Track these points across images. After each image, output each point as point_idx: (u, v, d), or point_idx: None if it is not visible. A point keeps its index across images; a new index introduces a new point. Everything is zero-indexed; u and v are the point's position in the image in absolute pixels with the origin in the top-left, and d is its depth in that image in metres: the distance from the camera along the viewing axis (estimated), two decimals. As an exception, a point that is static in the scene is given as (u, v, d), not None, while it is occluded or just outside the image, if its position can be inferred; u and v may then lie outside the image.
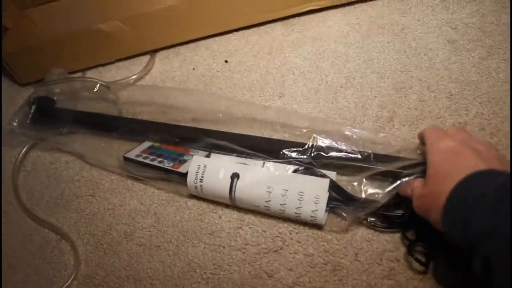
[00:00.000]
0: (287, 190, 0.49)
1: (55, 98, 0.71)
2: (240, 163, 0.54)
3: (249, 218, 0.55)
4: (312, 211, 0.48)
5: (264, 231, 0.53)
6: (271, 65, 0.70)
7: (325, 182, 0.49)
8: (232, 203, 0.53)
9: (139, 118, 0.65)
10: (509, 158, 0.52)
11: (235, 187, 0.51)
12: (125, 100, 0.69)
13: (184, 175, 0.54)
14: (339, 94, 0.64)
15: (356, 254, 0.50)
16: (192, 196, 0.58)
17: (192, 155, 0.57)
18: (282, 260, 0.51)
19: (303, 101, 0.65)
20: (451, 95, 0.61)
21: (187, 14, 0.73)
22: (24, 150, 0.68)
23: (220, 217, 0.55)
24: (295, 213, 0.49)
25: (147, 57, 0.78)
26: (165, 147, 0.60)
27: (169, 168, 0.55)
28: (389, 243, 0.50)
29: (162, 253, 0.55)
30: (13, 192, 0.65)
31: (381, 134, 0.55)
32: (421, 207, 0.44)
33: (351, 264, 0.49)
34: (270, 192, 0.50)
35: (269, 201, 0.50)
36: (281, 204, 0.49)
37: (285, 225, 0.53)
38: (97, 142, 0.66)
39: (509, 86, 0.60)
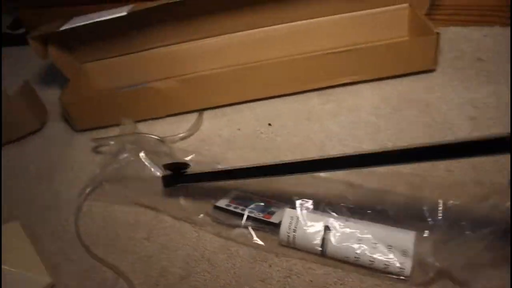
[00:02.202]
0: (376, 243, 0.55)
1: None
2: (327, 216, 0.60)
3: (297, 268, 0.60)
4: (401, 263, 0.53)
5: (311, 281, 0.59)
6: (311, 131, 0.78)
7: (412, 235, 0.54)
8: (321, 254, 0.58)
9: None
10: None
11: (327, 239, 0.57)
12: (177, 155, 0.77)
13: (276, 225, 0.60)
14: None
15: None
16: (243, 245, 0.64)
17: (278, 207, 0.63)
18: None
19: (341, 165, 0.72)
20: (475, 166, 0.68)
21: (234, 79, 0.82)
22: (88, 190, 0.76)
23: (270, 266, 0.61)
24: (384, 264, 0.54)
25: (194, 115, 0.86)
26: (249, 199, 0.66)
27: (261, 218, 0.62)
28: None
29: (216, 296, 0.60)
30: (75, 228, 0.71)
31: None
32: None
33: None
34: (360, 244, 0.55)
35: (359, 252, 0.55)
36: (371, 255, 0.55)
37: (331, 276, 0.59)
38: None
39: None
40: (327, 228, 0.58)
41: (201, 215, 0.68)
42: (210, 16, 0.89)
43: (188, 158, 0.75)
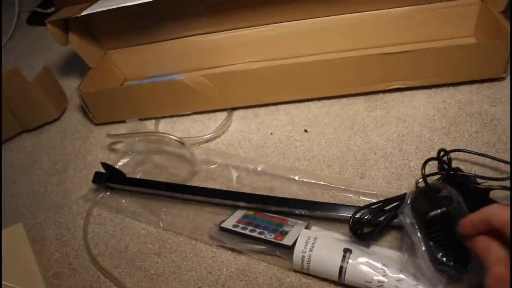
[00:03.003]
0: (401, 270, 0.47)
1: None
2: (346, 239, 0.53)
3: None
4: None
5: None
6: (352, 141, 0.69)
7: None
8: (340, 278, 0.50)
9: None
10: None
11: (348, 261, 0.49)
12: (199, 158, 0.69)
13: (289, 247, 0.52)
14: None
15: None
16: (262, 273, 0.55)
17: (292, 226, 0.56)
18: None
19: (384, 185, 0.62)
20: None
21: (271, 77, 0.73)
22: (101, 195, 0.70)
23: (292, 302, 0.53)
24: None
25: (223, 113, 0.78)
26: (260, 217, 0.59)
27: (272, 240, 0.54)
28: None
29: (228, 330, 0.52)
30: (83, 234, 0.65)
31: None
32: None
33: None
34: (385, 268, 0.48)
35: (385, 275, 0.47)
36: (397, 280, 0.47)
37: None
38: (182, 209, 0.65)
39: None
40: (347, 251, 0.50)
41: (206, 235, 0.61)
42: (246, 4, 0.79)
43: (212, 167, 0.68)
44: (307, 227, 0.56)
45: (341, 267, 0.49)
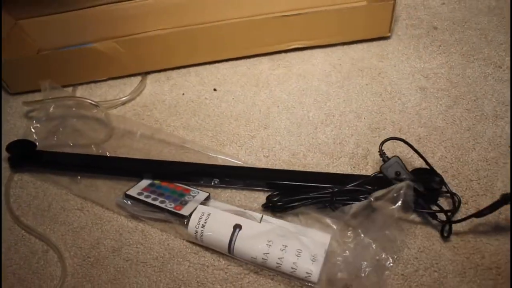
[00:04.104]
0: (286, 246, 0.52)
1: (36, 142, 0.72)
2: (240, 214, 0.57)
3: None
4: (308, 269, 0.51)
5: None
6: (257, 97, 0.75)
7: (326, 241, 0.52)
8: (230, 253, 0.55)
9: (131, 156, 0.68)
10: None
11: (236, 237, 0.54)
12: (115, 120, 0.73)
13: (186, 217, 0.57)
14: (319, 130, 0.70)
15: None
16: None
17: (193, 196, 0.61)
18: (262, 281, 0.55)
19: (286, 133, 0.70)
20: (420, 138, 0.67)
21: (180, 41, 0.78)
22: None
23: (205, 239, 0.59)
24: (292, 268, 0.51)
25: (138, 78, 0.81)
26: (165, 185, 0.63)
27: (171, 209, 0.58)
28: None
29: (148, 269, 0.57)
30: (5, 197, 0.67)
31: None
32: None
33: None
34: (269, 245, 0.53)
35: (268, 253, 0.52)
36: (279, 258, 0.52)
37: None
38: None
39: (469, 134, 0.66)
40: (237, 227, 0.55)
41: (113, 203, 0.64)
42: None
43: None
44: (208, 198, 0.61)
45: (229, 243, 0.54)
